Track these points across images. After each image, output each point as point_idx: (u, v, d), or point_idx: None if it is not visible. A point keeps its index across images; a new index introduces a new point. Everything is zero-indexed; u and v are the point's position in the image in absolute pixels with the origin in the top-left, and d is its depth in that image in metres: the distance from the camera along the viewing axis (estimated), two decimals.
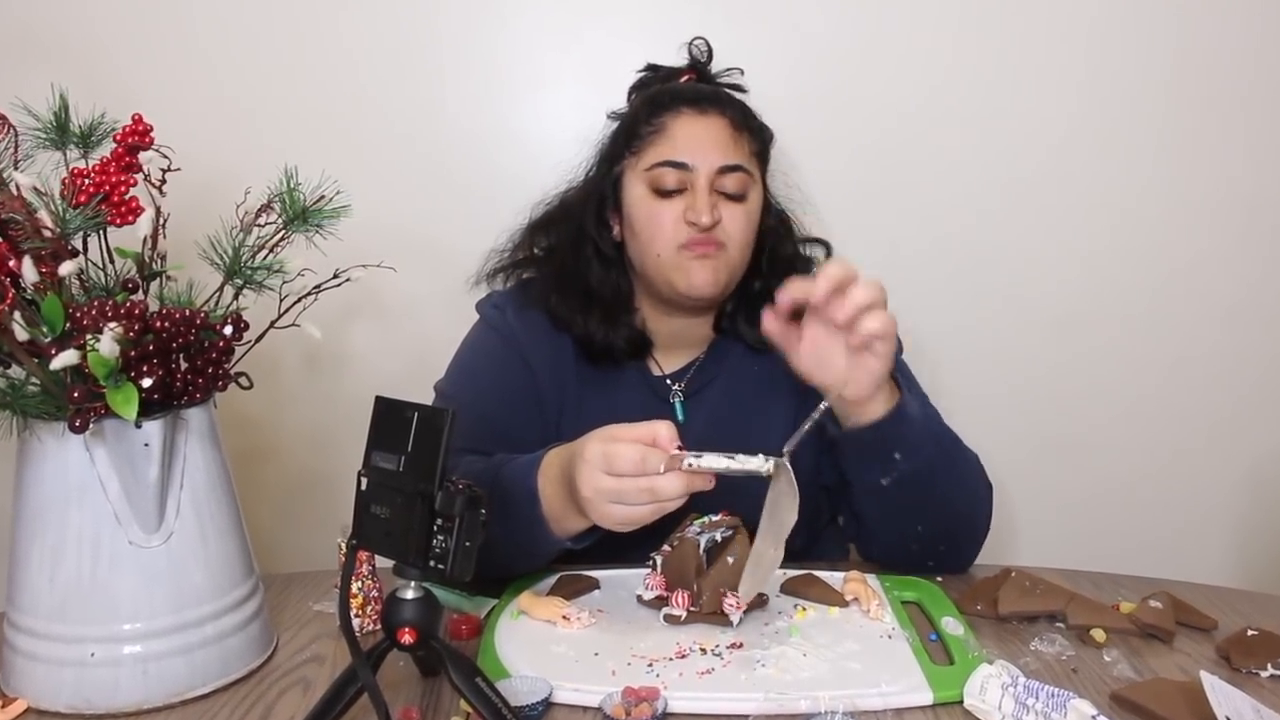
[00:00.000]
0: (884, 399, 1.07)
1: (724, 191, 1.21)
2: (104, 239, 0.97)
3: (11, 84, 1.01)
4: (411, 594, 0.81)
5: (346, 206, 0.99)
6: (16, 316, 0.85)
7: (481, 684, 0.80)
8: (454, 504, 0.78)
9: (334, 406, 1.67)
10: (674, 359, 1.31)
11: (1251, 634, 0.99)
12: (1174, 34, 1.64)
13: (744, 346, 1.29)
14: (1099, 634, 1.01)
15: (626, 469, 0.92)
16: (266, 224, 0.99)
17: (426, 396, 1.23)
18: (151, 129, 0.99)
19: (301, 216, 0.98)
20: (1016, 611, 1.05)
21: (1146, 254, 1.69)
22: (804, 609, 1.06)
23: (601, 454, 0.93)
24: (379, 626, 1.04)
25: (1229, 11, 1.63)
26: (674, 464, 0.91)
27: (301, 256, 0.99)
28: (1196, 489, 1.76)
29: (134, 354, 0.87)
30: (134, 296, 0.95)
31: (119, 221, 0.96)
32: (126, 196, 0.96)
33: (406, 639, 0.81)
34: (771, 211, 1.30)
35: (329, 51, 1.61)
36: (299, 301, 1.00)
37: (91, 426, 0.87)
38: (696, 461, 0.91)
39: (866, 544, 1.22)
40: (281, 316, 1.00)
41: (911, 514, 1.12)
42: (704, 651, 0.96)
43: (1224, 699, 0.82)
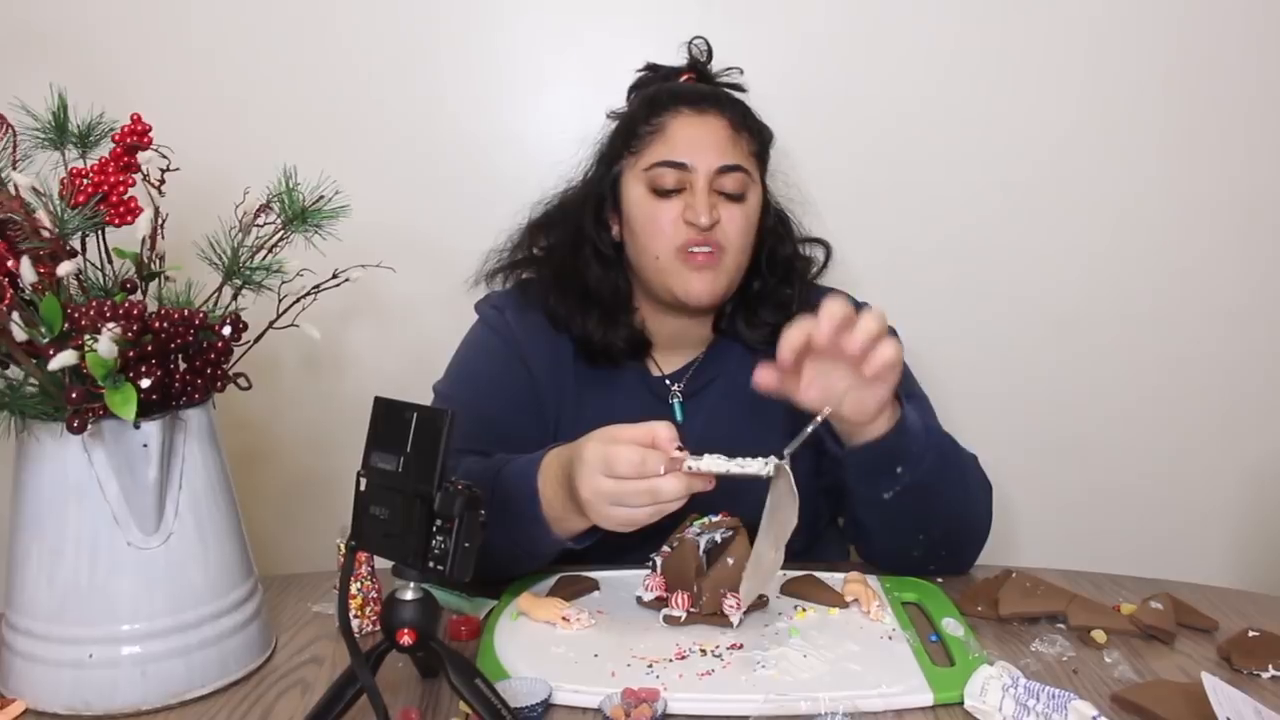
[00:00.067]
0: (886, 416, 1.06)
1: (723, 192, 1.21)
2: (102, 239, 0.97)
3: (10, 84, 1.01)
4: (411, 595, 0.81)
5: (345, 207, 0.99)
6: (15, 317, 0.85)
7: (481, 685, 0.80)
8: (453, 505, 0.77)
9: (333, 407, 1.66)
10: (673, 359, 1.31)
11: (1252, 635, 0.99)
12: (1174, 34, 1.64)
13: (743, 347, 1.29)
14: (1100, 635, 1.01)
15: (626, 471, 0.91)
16: (265, 224, 0.99)
17: (426, 397, 1.22)
18: (150, 129, 0.99)
19: (300, 217, 0.98)
20: (1017, 612, 1.05)
21: (1147, 254, 1.69)
22: (804, 610, 1.06)
23: (601, 456, 0.92)
24: (378, 627, 1.04)
25: (1229, 12, 1.63)
26: (674, 466, 0.91)
27: (300, 257, 0.99)
28: (1197, 490, 1.76)
29: (132, 354, 0.87)
30: (132, 297, 0.94)
31: (117, 222, 0.96)
32: (125, 197, 0.96)
33: (406, 640, 0.80)
34: (771, 212, 1.30)
35: (328, 52, 1.61)
36: (298, 302, 1.00)
37: (90, 427, 0.87)
38: (697, 464, 0.91)
39: (868, 549, 1.21)
40: (280, 317, 1.00)
41: (914, 523, 1.12)
42: (704, 653, 0.96)
43: (1225, 700, 0.82)
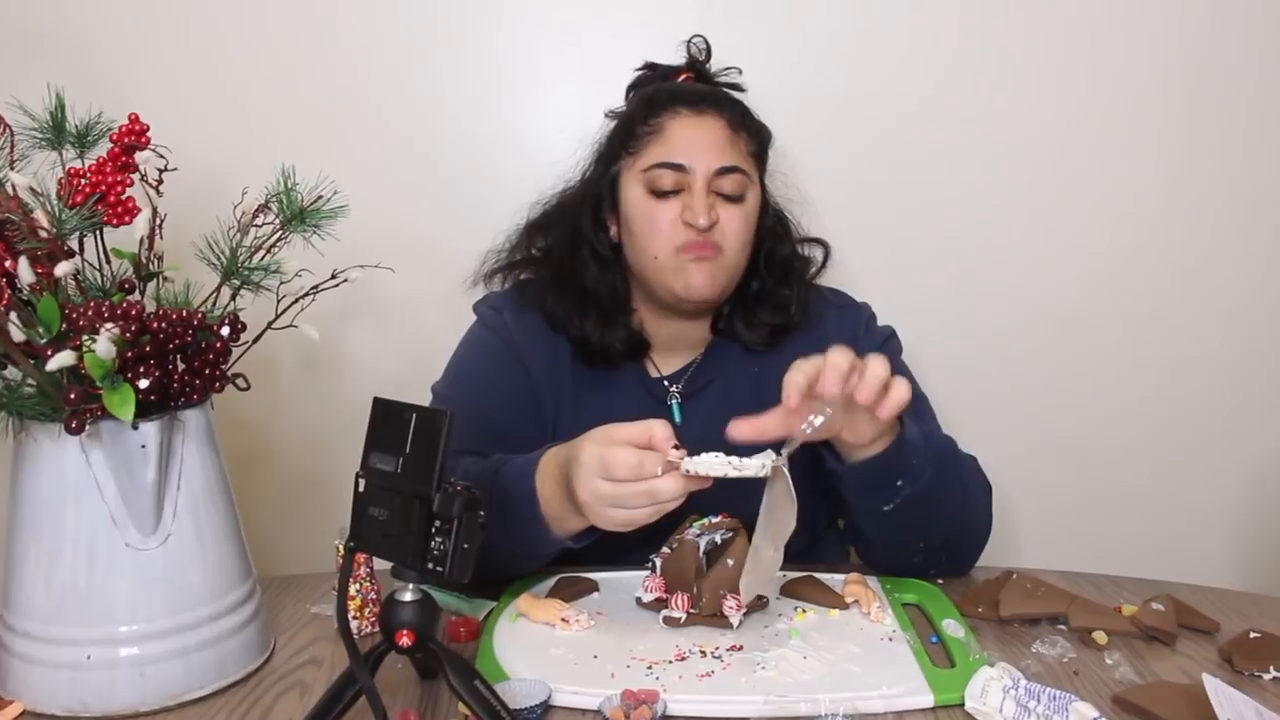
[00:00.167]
0: (887, 433, 1.05)
1: (721, 193, 1.20)
2: (100, 239, 0.97)
3: (8, 83, 1.01)
4: (410, 596, 0.81)
5: (344, 207, 0.99)
6: (13, 317, 0.84)
7: (480, 686, 0.80)
8: (452, 506, 0.77)
9: (332, 408, 1.66)
10: (671, 361, 1.30)
11: (1254, 636, 0.99)
12: (1174, 34, 1.64)
13: (742, 348, 1.28)
14: (1101, 636, 1.01)
15: (624, 474, 0.91)
16: (264, 224, 0.98)
17: (424, 398, 1.22)
18: (148, 129, 0.98)
19: (299, 217, 0.97)
20: (1018, 614, 1.05)
21: (1147, 254, 1.69)
22: (804, 611, 1.05)
23: (598, 459, 0.92)
24: (377, 629, 1.04)
25: (1229, 12, 1.63)
26: (671, 467, 0.91)
27: (299, 257, 0.99)
28: (1198, 491, 1.75)
29: (131, 355, 0.87)
30: (131, 297, 0.94)
31: (115, 222, 0.96)
32: (123, 197, 0.96)
33: (405, 641, 0.80)
34: (769, 212, 1.30)
35: (326, 51, 1.61)
36: (296, 302, 1.00)
37: (88, 428, 0.87)
38: (694, 467, 0.90)
39: (868, 554, 1.20)
40: (279, 317, 1.00)
41: (914, 531, 1.11)
42: (704, 654, 0.96)
43: (1226, 702, 0.82)
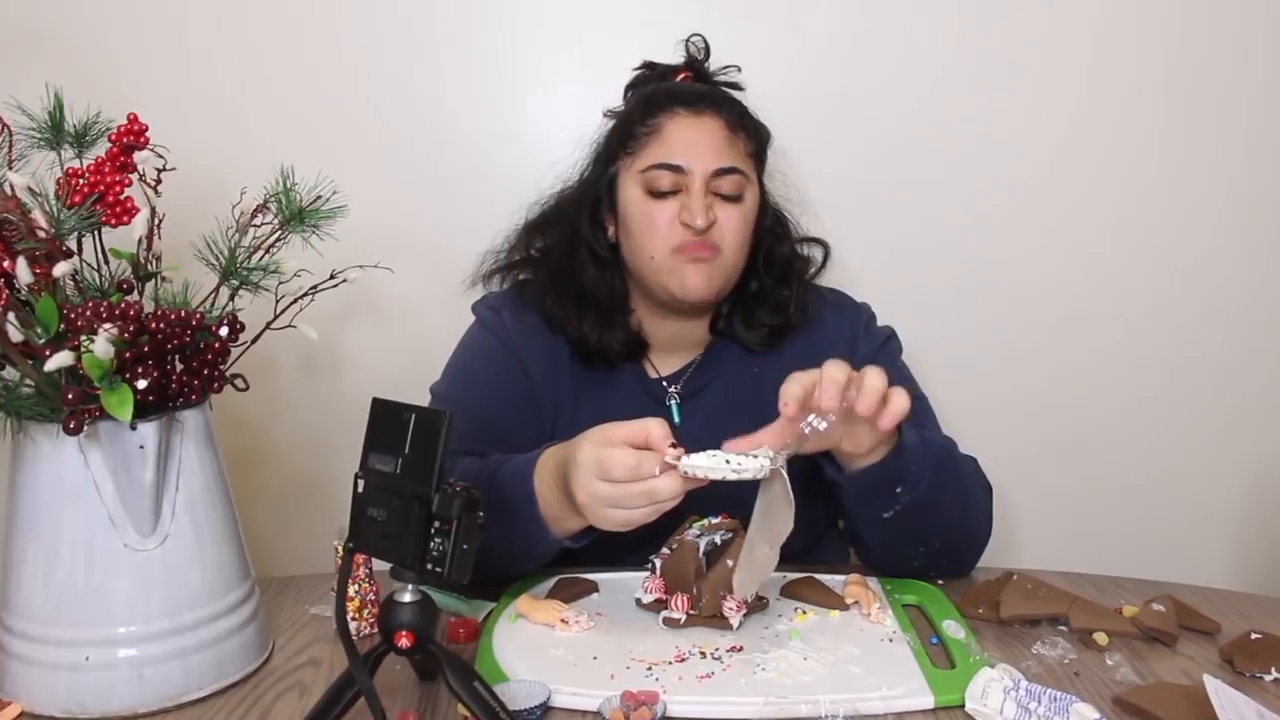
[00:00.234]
0: (885, 441, 1.04)
1: (719, 193, 1.20)
2: (99, 239, 0.97)
3: (6, 83, 1.01)
4: (409, 597, 0.81)
5: (343, 207, 0.99)
6: (11, 317, 0.84)
7: (479, 688, 0.80)
8: (451, 506, 0.77)
9: (330, 408, 1.66)
10: (670, 361, 1.30)
11: (1255, 637, 0.99)
12: (1174, 34, 1.63)
13: (740, 348, 1.28)
14: (1101, 637, 1.00)
15: (621, 475, 0.90)
16: (262, 224, 0.98)
17: (423, 398, 1.22)
18: (147, 128, 0.98)
19: (298, 217, 0.97)
20: (1018, 615, 1.05)
21: (1148, 255, 1.69)
22: (804, 612, 1.05)
23: (595, 460, 0.92)
24: (376, 630, 1.04)
25: (1229, 12, 1.63)
26: (669, 467, 0.90)
27: (298, 257, 0.99)
28: (1200, 491, 1.75)
29: (129, 355, 0.86)
30: (129, 297, 0.94)
31: (114, 222, 0.96)
32: (121, 197, 0.96)
33: (404, 642, 0.80)
34: (768, 212, 1.29)
35: (325, 51, 1.61)
36: (295, 302, 1.00)
37: (86, 429, 0.86)
38: (692, 469, 0.90)
39: (868, 557, 1.20)
40: (278, 318, 1.00)
41: (914, 536, 1.11)
42: (703, 655, 0.96)
43: (1227, 703, 0.82)
